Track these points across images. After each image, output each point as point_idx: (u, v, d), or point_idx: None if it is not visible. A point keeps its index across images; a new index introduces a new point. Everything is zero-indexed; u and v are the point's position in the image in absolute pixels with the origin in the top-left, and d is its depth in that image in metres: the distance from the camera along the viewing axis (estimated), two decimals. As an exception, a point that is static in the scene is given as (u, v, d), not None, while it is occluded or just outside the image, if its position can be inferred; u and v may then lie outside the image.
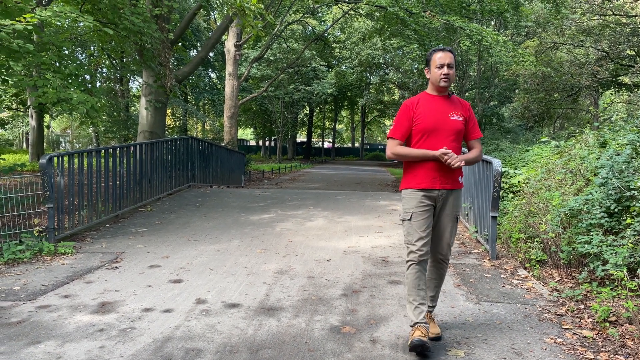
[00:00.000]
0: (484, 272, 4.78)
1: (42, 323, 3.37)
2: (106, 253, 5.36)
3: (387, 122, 49.36)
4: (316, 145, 53.35)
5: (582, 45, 21.04)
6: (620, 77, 22.60)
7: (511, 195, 8.22)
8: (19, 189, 6.36)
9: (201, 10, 18.34)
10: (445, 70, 3.02)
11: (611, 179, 4.23)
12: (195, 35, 26.98)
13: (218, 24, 21.30)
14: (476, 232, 6.03)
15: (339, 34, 34.79)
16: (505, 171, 8.81)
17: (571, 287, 4.24)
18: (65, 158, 6.10)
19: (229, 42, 19.68)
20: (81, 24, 7.36)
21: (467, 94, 23.21)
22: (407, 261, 3.04)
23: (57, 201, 5.78)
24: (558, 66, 21.66)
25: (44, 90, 6.17)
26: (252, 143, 54.39)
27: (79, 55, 24.10)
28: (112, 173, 7.25)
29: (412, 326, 2.99)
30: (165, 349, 2.99)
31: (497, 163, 5.07)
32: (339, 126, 58.33)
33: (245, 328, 3.32)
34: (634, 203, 3.92)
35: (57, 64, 7.01)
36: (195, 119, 35.66)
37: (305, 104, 37.61)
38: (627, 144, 4.58)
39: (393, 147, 3.10)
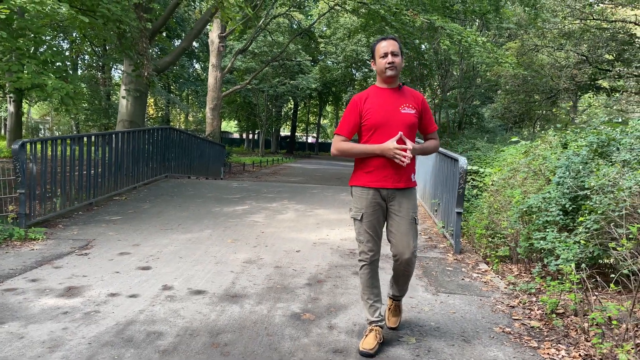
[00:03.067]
0: (446, 265, 4.94)
1: (7, 305, 3.42)
2: (77, 240, 5.39)
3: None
4: (300, 140, 53.37)
5: (563, 49, 21.43)
6: (599, 81, 23.09)
7: (485, 193, 8.43)
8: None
9: (184, 1, 18.22)
10: (389, 58, 2.87)
11: (567, 179, 4.42)
12: (179, 25, 26.77)
13: (203, 14, 21.16)
14: (443, 227, 6.21)
15: (324, 29, 34.78)
16: (479, 170, 9.02)
17: (527, 281, 4.42)
18: (39, 145, 6.10)
19: (213, 34, 19.59)
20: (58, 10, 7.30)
21: (449, 93, 23.49)
22: (360, 260, 2.98)
23: (29, 187, 5.78)
24: (539, 68, 22.03)
25: (19, 76, 6.15)
26: (236, 136, 54.19)
27: (61, 42, 23.75)
28: (87, 161, 7.26)
29: (368, 324, 3.01)
30: (127, 331, 3.07)
31: (462, 161, 5.24)
32: (323, 121, 58.36)
33: (208, 313, 3.42)
34: (587, 202, 4.10)
35: (32, 50, 6.97)
36: (178, 109, 35.43)
37: (290, 98, 37.59)
38: (585, 146, 4.77)
39: (337, 143, 2.97)
